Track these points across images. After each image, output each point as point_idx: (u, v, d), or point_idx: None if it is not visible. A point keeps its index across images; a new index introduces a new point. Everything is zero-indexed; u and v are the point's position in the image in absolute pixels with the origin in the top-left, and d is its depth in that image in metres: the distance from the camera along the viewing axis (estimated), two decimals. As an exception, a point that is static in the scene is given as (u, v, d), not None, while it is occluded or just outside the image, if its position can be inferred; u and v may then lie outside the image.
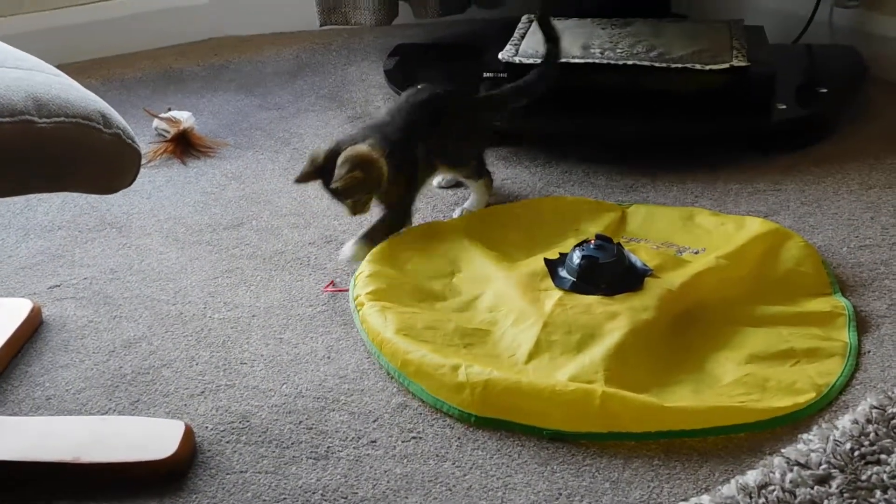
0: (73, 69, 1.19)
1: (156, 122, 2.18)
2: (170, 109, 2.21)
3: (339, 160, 1.60)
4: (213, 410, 1.36)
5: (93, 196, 1.91)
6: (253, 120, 2.27)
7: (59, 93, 1.03)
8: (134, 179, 1.13)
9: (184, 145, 2.12)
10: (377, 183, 1.62)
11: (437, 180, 1.90)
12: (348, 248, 1.67)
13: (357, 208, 1.65)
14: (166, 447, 1.25)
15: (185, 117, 2.16)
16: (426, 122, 1.72)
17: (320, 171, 1.63)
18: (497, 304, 1.51)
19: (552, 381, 1.32)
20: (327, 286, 1.62)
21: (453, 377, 1.33)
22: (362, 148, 1.62)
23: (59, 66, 1.15)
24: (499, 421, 1.31)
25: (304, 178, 1.65)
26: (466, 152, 1.80)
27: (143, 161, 1.70)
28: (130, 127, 1.11)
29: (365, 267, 1.58)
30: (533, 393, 1.30)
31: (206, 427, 1.33)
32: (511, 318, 1.47)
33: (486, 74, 2.11)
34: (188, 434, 1.28)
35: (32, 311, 1.54)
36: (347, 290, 1.59)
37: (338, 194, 1.62)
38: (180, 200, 1.94)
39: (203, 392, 1.40)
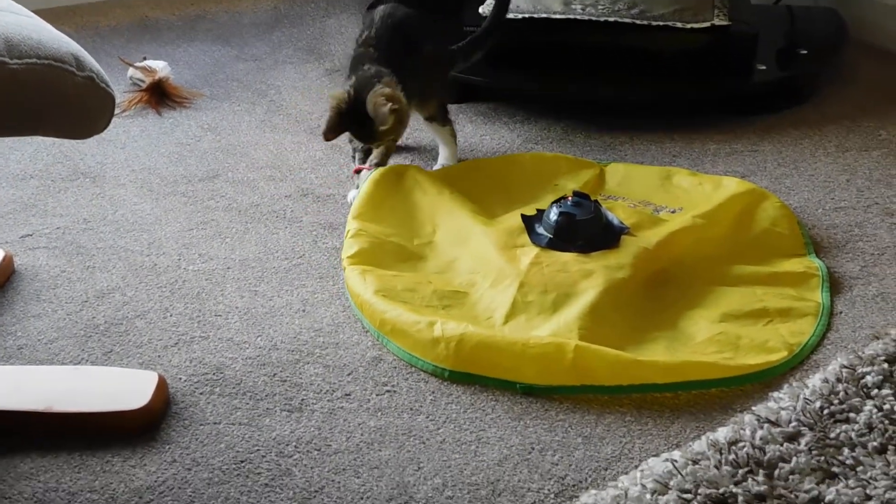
0: (44, 16, 1.16)
1: (130, 71, 2.14)
2: (145, 59, 2.17)
3: (375, 104, 1.57)
4: (186, 362, 1.35)
5: (66, 145, 1.88)
6: (229, 71, 2.24)
7: (31, 34, 1.00)
8: (107, 124, 1.11)
9: (159, 95, 2.09)
10: (403, 121, 1.63)
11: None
12: (352, 196, 1.68)
13: (379, 144, 1.66)
14: (139, 398, 1.25)
15: (160, 67, 2.13)
16: (401, 52, 1.68)
17: (348, 117, 1.60)
18: (476, 265, 1.50)
19: (526, 336, 1.32)
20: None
21: (429, 333, 1.33)
22: (387, 90, 1.59)
23: (30, 11, 1.13)
24: (472, 375, 1.31)
25: (333, 130, 1.62)
26: (436, 85, 1.76)
27: (118, 111, 1.67)
28: (104, 74, 1.09)
29: (351, 224, 1.56)
30: (506, 347, 1.30)
31: (180, 378, 1.32)
32: (489, 279, 1.47)
33: (467, 28, 2.08)
34: (161, 385, 1.28)
35: (4, 259, 1.53)
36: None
37: (373, 137, 1.62)
38: (155, 151, 1.91)
39: (177, 343, 1.39)
